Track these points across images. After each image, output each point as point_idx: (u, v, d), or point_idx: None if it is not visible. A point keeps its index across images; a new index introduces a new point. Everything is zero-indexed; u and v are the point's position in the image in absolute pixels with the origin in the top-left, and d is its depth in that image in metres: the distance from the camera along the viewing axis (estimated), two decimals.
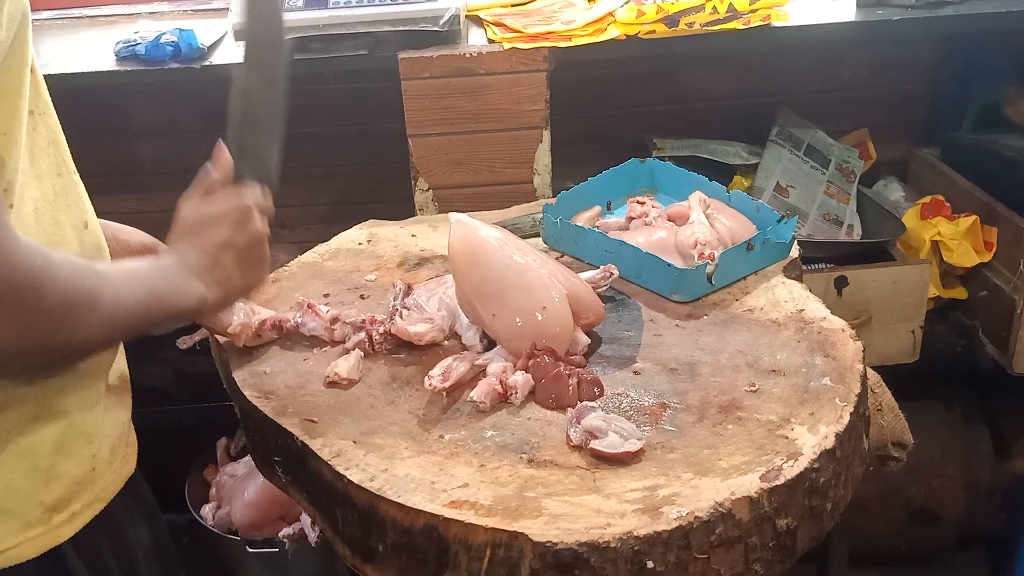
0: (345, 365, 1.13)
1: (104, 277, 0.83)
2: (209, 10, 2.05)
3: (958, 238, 1.94)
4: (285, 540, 1.82)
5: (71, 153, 0.96)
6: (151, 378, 1.90)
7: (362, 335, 1.18)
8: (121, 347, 1.04)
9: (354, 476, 0.94)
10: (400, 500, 0.91)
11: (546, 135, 1.75)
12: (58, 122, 0.93)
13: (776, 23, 1.72)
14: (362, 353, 1.17)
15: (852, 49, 2.15)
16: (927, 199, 2.05)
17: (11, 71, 0.81)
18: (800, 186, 2.06)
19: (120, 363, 1.03)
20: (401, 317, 1.19)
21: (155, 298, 0.88)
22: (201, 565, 1.91)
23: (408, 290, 1.26)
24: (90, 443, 0.93)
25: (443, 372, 1.08)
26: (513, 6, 1.88)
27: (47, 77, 0.94)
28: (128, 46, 1.74)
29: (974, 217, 1.95)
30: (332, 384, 1.11)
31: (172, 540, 1.12)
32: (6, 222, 0.73)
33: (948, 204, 2.02)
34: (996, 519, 2.11)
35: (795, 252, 1.36)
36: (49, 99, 0.91)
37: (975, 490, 2.08)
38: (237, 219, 0.96)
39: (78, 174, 0.96)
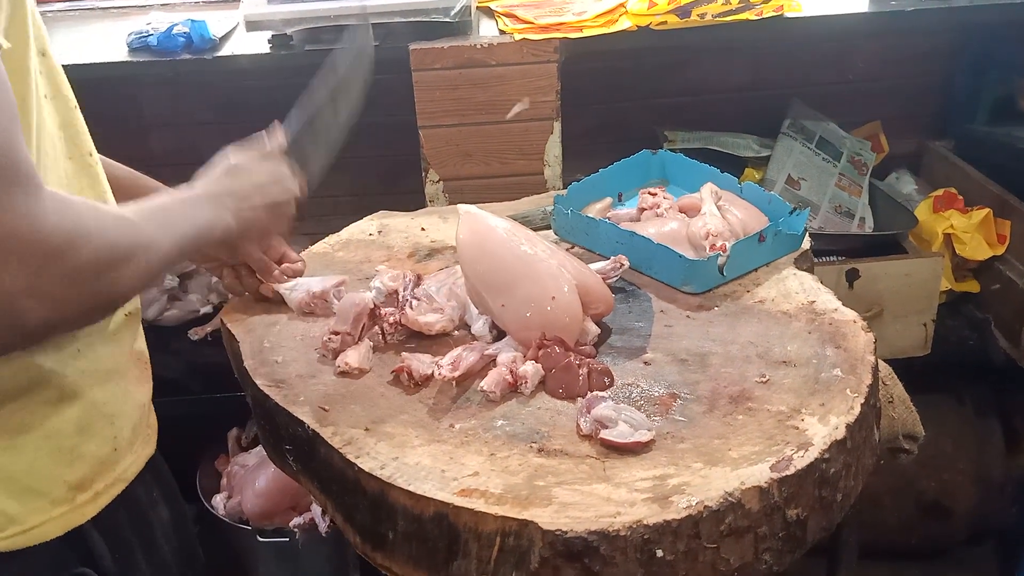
0: (355, 355, 1.13)
1: (138, 228, 0.84)
2: (220, 1, 2.05)
3: (971, 231, 1.93)
4: (296, 529, 1.83)
5: None
6: (163, 368, 1.89)
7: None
8: (141, 329, 1.05)
9: (365, 464, 0.95)
10: (411, 488, 0.91)
11: (557, 127, 1.75)
12: (73, 106, 0.93)
13: (789, 14, 1.71)
14: (372, 343, 1.17)
15: (865, 40, 2.14)
16: (940, 192, 2.04)
17: (13, 52, 0.81)
18: (812, 178, 2.05)
19: (140, 345, 1.04)
20: (411, 308, 1.20)
21: (186, 239, 0.91)
22: (212, 554, 1.92)
23: (418, 281, 1.27)
24: (112, 424, 0.94)
25: (453, 362, 1.08)
26: None
27: None
28: (140, 37, 1.75)
29: (987, 210, 1.94)
30: (343, 374, 1.12)
31: (190, 520, 1.13)
32: (33, 185, 0.73)
33: (961, 197, 2.01)
34: (1007, 513, 2.10)
35: (807, 244, 1.36)
36: (64, 83, 0.92)
37: (987, 484, 2.07)
38: (277, 174, 1.05)
39: (96, 156, 0.97)
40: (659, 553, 0.85)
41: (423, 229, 1.49)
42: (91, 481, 0.92)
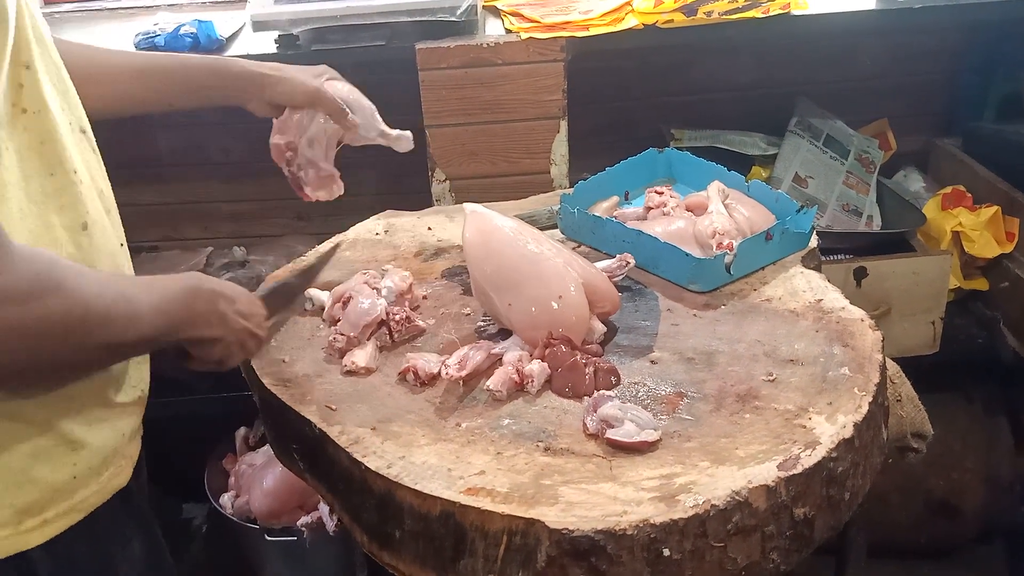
0: (362, 355, 1.13)
1: (122, 295, 0.83)
2: (227, 1, 2.06)
3: (979, 228, 1.92)
4: (303, 528, 1.83)
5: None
6: (171, 369, 1.91)
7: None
8: (147, 365, 1.03)
9: (371, 463, 0.95)
10: (417, 487, 0.91)
11: (563, 125, 1.75)
12: (57, 121, 0.90)
13: (795, 11, 1.70)
14: (379, 343, 1.17)
15: (872, 38, 2.13)
16: (948, 189, 2.03)
17: None
18: (819, 177, 2.05)
19: (141, 376, 1.02)
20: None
21: (169, 325, 0.90)
22: (220, 554, 1.93)
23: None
24: (74, 452, 0.91)
25: (460, 361, 1.08)
26: None
27: None
28: (147, 38, 1.75)
29: (996, 207, 1.93)
30: (349, 373, 1.12)
31: (167, 550, 1.10)
32: (5, 239, 0.72)
33: (969, 194, 2.00)
34: (1016, 512, 2.09)
35: (814, 242, 1.36)
36: (53, 95, 0.89)
37: (995, 483, 2.06)
38: (257, 311, 1.06)
39: (89, 132, 0.95)
40: (666, 552, 0.85)
41: (429, 228, 1.49)
42: (41, 508, 0.88)
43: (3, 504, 0.86)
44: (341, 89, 1.29)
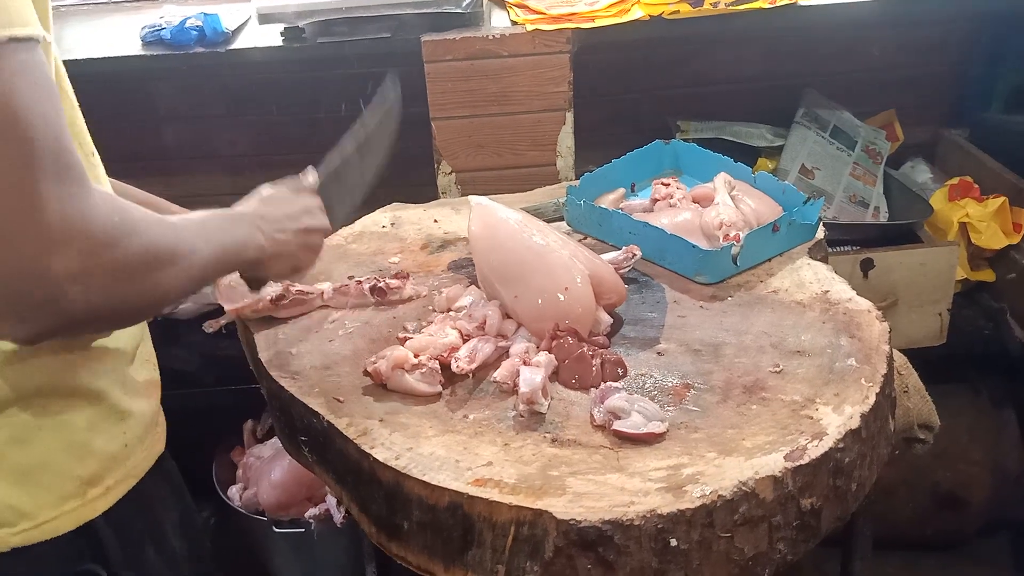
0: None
1: (179, 232, 0.86)
2: None
3: (986, 220, 1.92)
4: (311, 520, 1.84)
5: (99, 138, 0.97)
6: (178, 362, 1.92)
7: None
8: (148, 333, 1.05)
9: (379, 455, 0.95)
10: (425, 478, 0.91)
11: (569, 117, 1.74)
12: (73, 104, 0.92)
13: (802, 2, 1.70)
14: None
15: (880, 28, 2.13)
16: (955, 180, 2.03)
17: (47, 45, 0.80)
18: (826, 168, 2.04)
19: (147, 348, 1.04)
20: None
21: (224, 251, 0.95)
22: (228, 545, 1.94)
23: None
24: (123, 421, 0.95)
25: (469, 354, 1.08)
26: None
27: (73, 63, 0.94)
28: (153, 31, 1.76)
29: (1003, 199, 1.92)
30: (367, 374, 1.10)
31: (198, 515, 1.14)
32: (86, 180, 0.74)
33: (976, 185, 1.99)
34: (1023, 504, 2.09)
35: (821, 234, 1.35)
36: (65, 80, 0.91)
37: (1002, 475, 2.06)
38: (309, 207, 1.11)
39: (97, 156, 0.97)
40: (673, 542, 0.85)
41: (436, 221, 1.49)
42: (102, 476, 0.93)
43: (70, 477, 0.91)
44: None
